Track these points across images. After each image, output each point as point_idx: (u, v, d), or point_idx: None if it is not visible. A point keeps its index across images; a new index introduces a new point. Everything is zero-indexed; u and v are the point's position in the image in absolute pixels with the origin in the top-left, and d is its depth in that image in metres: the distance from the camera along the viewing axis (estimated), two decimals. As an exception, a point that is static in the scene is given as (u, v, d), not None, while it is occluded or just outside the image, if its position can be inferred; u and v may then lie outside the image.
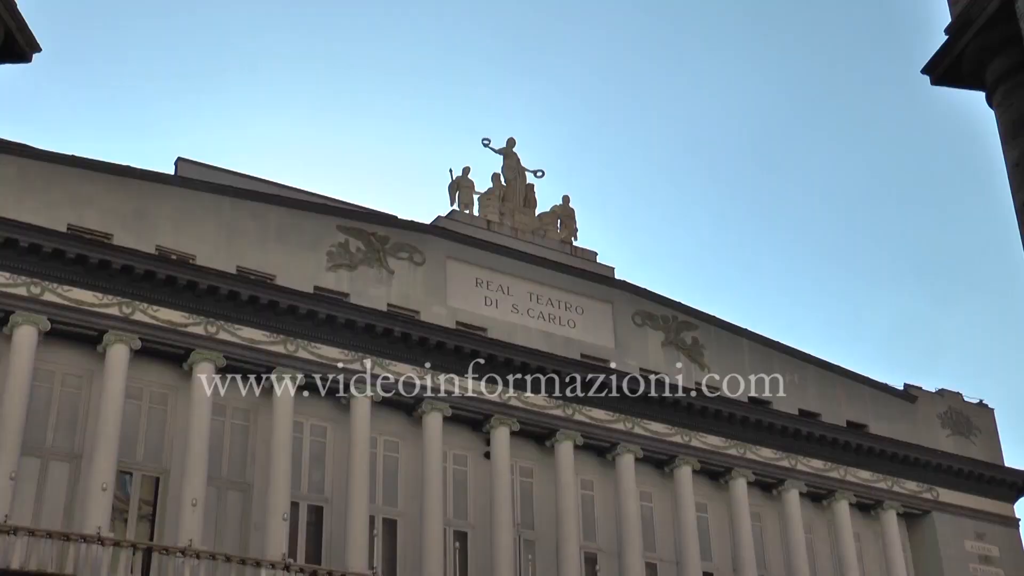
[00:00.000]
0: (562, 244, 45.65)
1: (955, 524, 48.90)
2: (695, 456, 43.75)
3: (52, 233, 34.69)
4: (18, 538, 30.93)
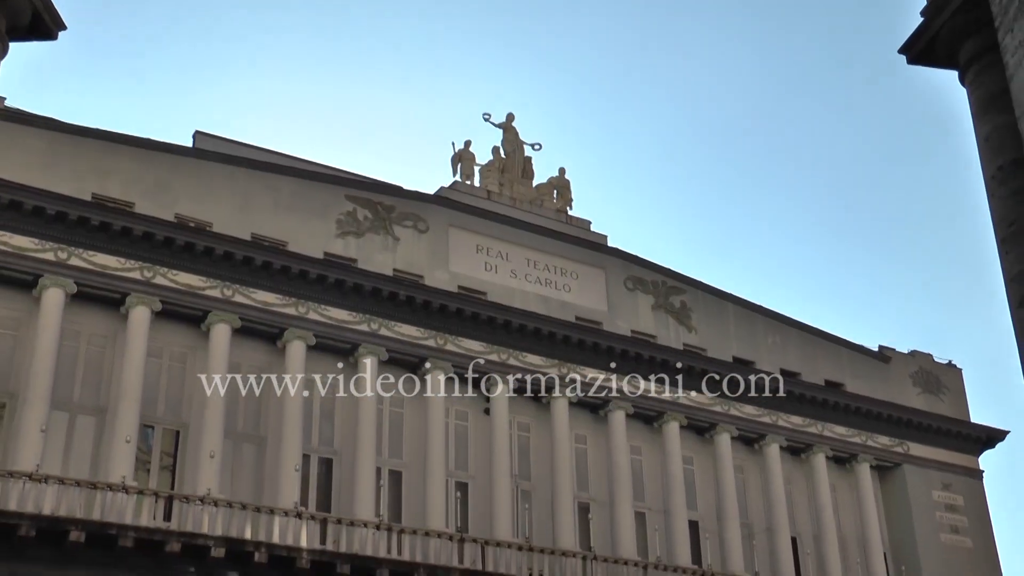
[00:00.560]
0: (558, 213, 45.64)
1: (924, 475, 49.16)
2: (682, 413, 43.88)
3: (77, 202, 34.72)
4: (48, 486, 31.09)
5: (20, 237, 33.83)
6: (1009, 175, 11.48)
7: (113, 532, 31.01)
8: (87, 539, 30.70)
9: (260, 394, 37.45)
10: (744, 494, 45.18)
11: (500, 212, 43.70)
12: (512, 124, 46.56)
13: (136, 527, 31.43)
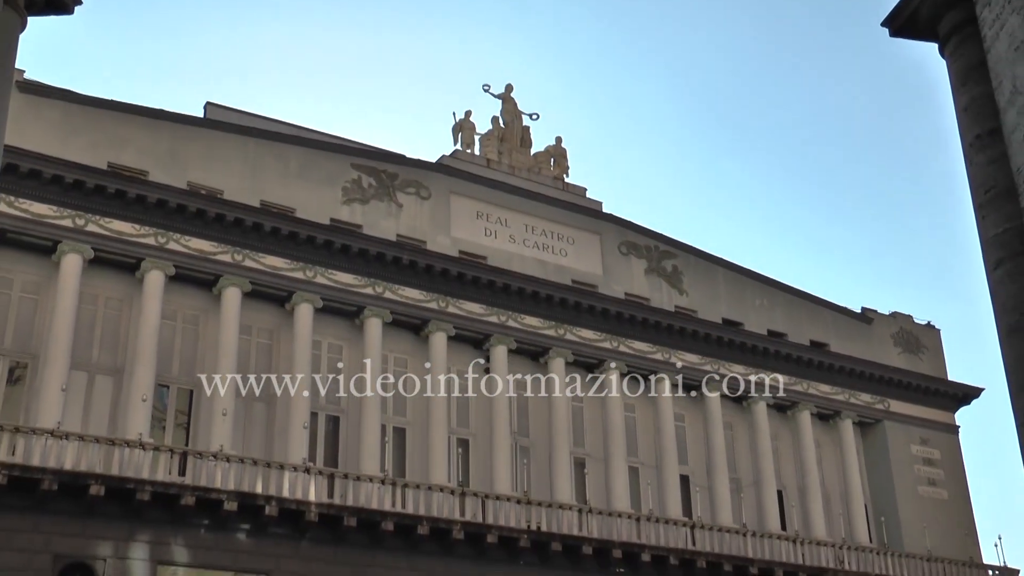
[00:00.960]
0: (555, 181, 45.63)
1: (903, 431, 49.42)
2: (674, 371, 44.07)
3: (94, 170, 34.71)
4: (69, 442, 31.25)
5: (39, 204, 33.85)
6: (986, 143, 11.61)
7: (131, 486, 31.18)
8: (106, 493, 30.89)
9: (270, 355, 37.64)
10: (733, 450, 45.46)
11: (499, 180, 43.71)
12: (511, 95, 46.50)
13: (152, 481, 31.56)
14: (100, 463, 31.35)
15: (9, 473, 29.78)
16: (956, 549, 46.95)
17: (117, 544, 31.20)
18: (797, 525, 45.18)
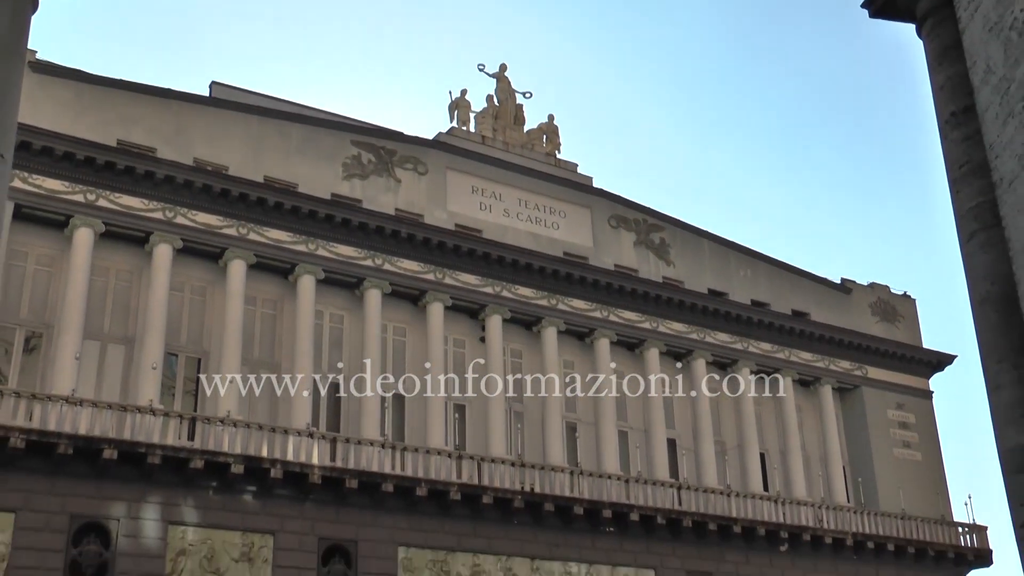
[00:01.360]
0: (547, 157, 45.63)
1: (880, 396, 49.69)
2: (661, 340, 44.24)
3: (104, 147, 34.68)
4: (83, 408, 31.36)
5: (52, 180, 33.84)
6: (961, 120, 11.73)
7: (142, 450, 31.33)
8: (119, 456, 31.05)
9: (274, 325, 37.75)
10: (718, 414, 45.68)
11: (494, 156, 43.71)
12: (505, 74, 46.45)
13: (163, 446, 31.72)
14: (113, 428, 31.48)
15: (27, 438, 29.90)
16: (929, 508, 47.35)
17: (130, 505, 31.40)
18: (779, 486, 45.49)
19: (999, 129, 9.25)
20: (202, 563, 32.05)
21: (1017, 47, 8.17)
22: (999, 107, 8.93)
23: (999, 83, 8.93)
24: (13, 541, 29.66)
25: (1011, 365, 10.73)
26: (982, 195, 11.04)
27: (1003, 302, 10.83)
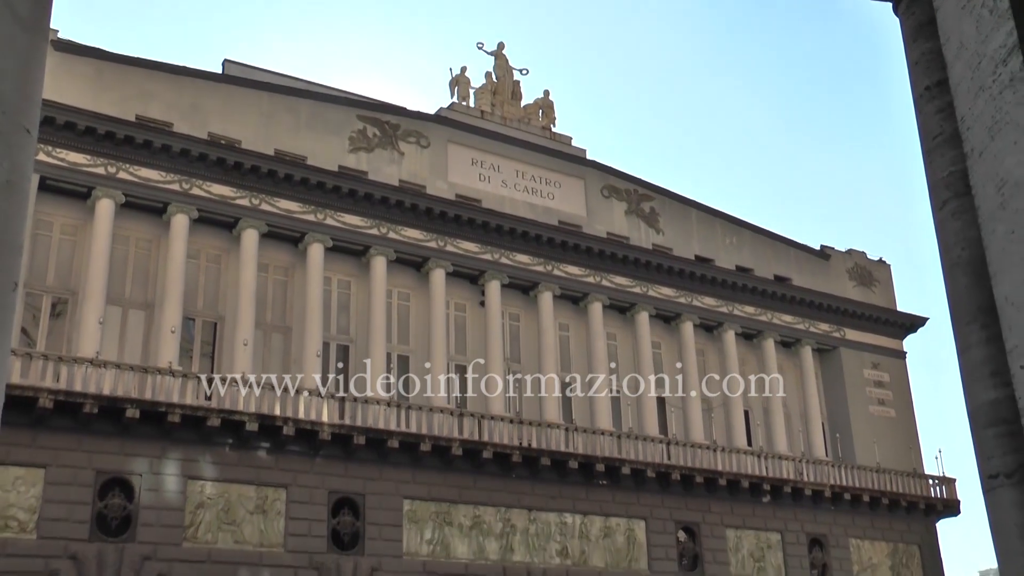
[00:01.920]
0: (543, 130, 45.55)
1: (857, 357, 49.85)
2: (651, 304, 44.32)
3: (123, 122, 34.61)
4: (107, 370, 31.47)
5: (75, 154, 33.79)
6: (935, 94, 11.76)
7: (162, 409, 31.48)
8: (141, 415, 31.20)
9: (285, 290, 37.80)
10: (705, 374, 45.78)
11: (492, 129, 43.63)
12: (503, 52, 46.28)
13: (181, 405, 31.85)
14: (135, 388, 31.62)
15: (55, 398, 30.02)
16: (902, 462, 47.62)
17: (151, 461, 31.56)
18: (761, 441, 45.71)
19: (970, 102, 9.31)
20: (219, 515, 32.24)
21: (988, 24, 8.20)
22: (971, 81, 8.98)
23: (971, 58, 8.97)
24: (43, 495, 29.82)
25: (979, 326, 10.83)
26: (954, 165, 11.10)
27: (972, 266, 10.92)
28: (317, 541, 33.44)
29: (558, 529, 38.14)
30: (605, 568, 38.73)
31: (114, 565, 30.16)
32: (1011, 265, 9.34)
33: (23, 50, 4.70)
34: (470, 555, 36.19)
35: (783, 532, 43.28)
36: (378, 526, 34.62)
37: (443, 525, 35.92)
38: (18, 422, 28.95)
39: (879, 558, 45.66)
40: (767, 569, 42.59)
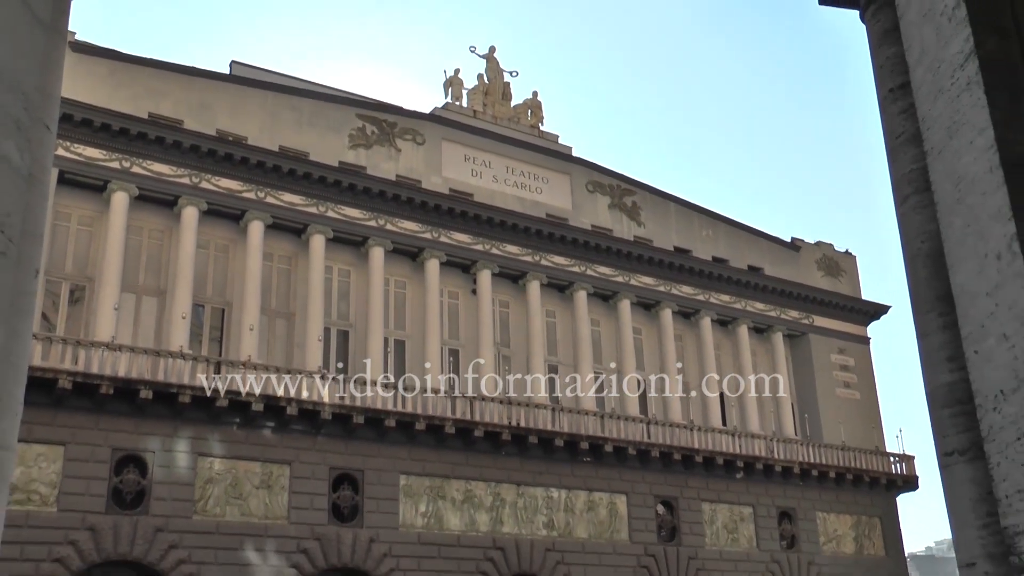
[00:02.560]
0: (531, 129, 45.53)
1: (824, 342, 50.01)
2: (633, 292, 44.38)
3: (136, 119, 34.50)
4: (122, 353, 31.46)
5: (91, 149, 33.69)
6: (898, 96, 11.81)
7: (174, 390, 31.46)
8: (153, 396, 31.17)
9: (289, 278, 37.75)
10: (683, 357, 45.91)
11: (484, 128, 43.60)
12: (494, 55, 46.23)
13: (192, 386, 31.83)
14: (148, 371, 31.60)
15: (73, 379, 29.99)
16: (865, 440, 47.85)
17: (164, 439, 31.55)
18: (735, 421, 45.87)
19: (931, 103, 9.35)
20: (227, 490, 32.26)
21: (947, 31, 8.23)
22: (931, 84, 9.02)
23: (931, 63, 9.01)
24: (63, 471, 29.83)
25: (937, 314, 10.89)
26: (915, 163, 11.15)
27: (932, 258, 10.97)
28: (319, 514, 33.49)
29: (544, 503, 38.23)
30: (588, 539, 38.87)
31: (129, 536, 30.19)
32: (966, 257, 9.40)
33: (43, 50, 4.69)
34: (462, 527, 36.27)
35: (755, 506, 43.47)
36: (376, 500, 34.67)
37: (437, 499, 35.99)
38: (39, 402, 28.93)
39: (843, 530, 45.92)
40: (740, 540, 42.80)
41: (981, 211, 8.57)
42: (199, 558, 31.00)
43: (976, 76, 8.37)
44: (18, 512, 28.15)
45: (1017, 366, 8.12)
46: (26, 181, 4.53)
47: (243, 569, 31.61)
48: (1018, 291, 7.70)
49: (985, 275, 8.59)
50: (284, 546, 32.47)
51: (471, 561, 35.93)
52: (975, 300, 8.82)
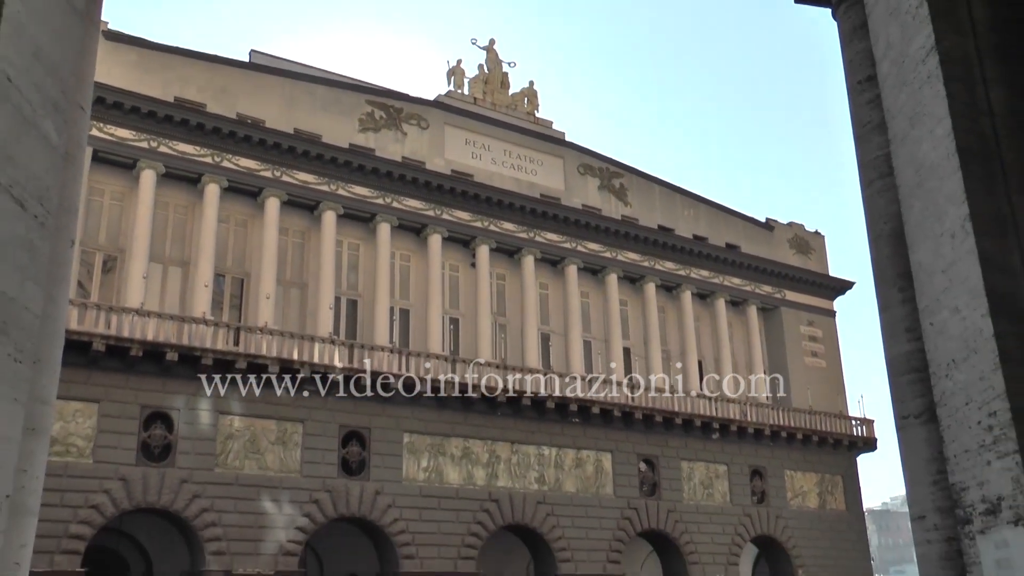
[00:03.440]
0: (527, 115, 45.38)
1: (794, 315, 50.11)
2: (619, 267, 44.40)
3: (163, 103, 34.36)
4: (149, 319, 31.46)
5: (121, 130, 33.56)
6: (865, 87, 11.82)
7: (197, 353, 31.50)
8: (179, 358, 31.25)
9: (303, 251, 37.72)
10: (664, 328, 46.04)
11: (484, 114, 43.45)
12: (493, 47, 46.00)
13: (213, 350, 31.87)
14: (174, 335, 31.67)
15: (106, 342, 30.07)
16: (830, 404, 48.05)
17: (188, 398, 31.62)
18: (712, 386, 45.99)
19: (895, 95, 9.35)
20: (245, 445, 32.37)
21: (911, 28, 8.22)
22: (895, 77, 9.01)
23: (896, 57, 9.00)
24: (97, 426, 29.97)
25: (898, 289, 10.93)
26: (880, 149, 11.15)
27: (894, 238, 11.01)
28: (329, 468, 33.64)
29: (536, 459, 38.41)
30: (576, 493, 39.08)
31: (156, 486, 30.35)
32: (925, 237, 9.43)
33: (79, 38, 4.71)
34: (460, 481, 36.45)
35: (729, 464, 43.70)
36: (381, 455, 34.82)
37: (437, 455, 36.14)
38: (75, 363, 29.00)
39: (809, 486, 46.20)
40: (715, 495, 43.05)
41: (938, 194, 8.62)
42: (220, 507, 31.17)
43: (936, 70, 8.39)
44: (58, 463, 28.29)
45: (968, 337, 8.19)
46: (63, 158, 4.55)
47: (260, 517, 31.80)
48: (970, 268, 7.76)
49: (941, 253, 8.65)
50: (297, 497, 32.64)
51: (468, 512, 36.15)
52: (932, 276, 8.88)
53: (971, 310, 8.02)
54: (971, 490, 8.04)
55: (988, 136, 8.18)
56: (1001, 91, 8.38)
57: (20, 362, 4.64)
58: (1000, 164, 8.21)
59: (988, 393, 7.79)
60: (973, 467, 7.92)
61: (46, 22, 4.23)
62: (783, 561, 44.53)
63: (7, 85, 4.08)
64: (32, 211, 4.31)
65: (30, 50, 4.07)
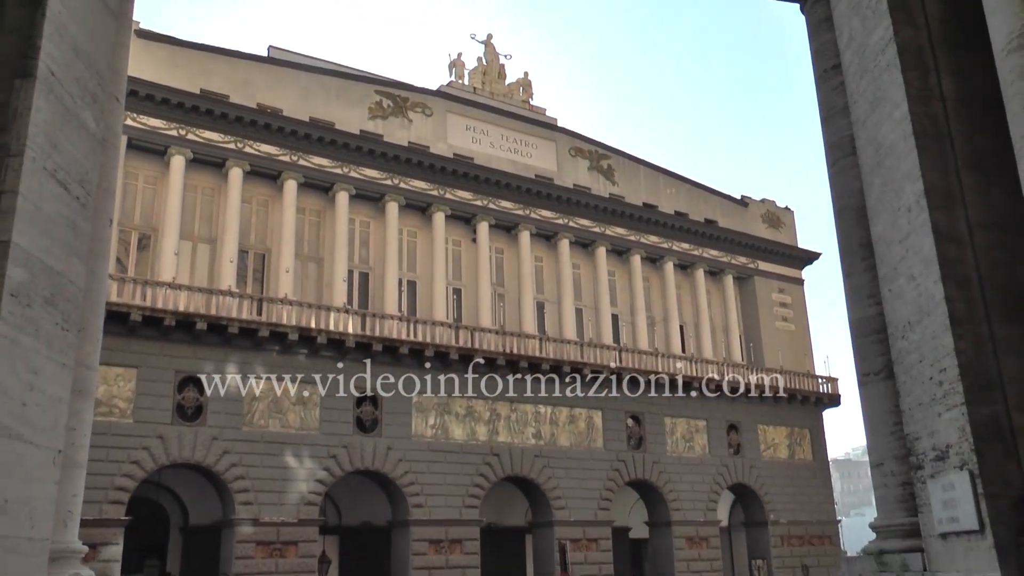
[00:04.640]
0: (523, 103, 45.19)
1: (767, 284, 50.18)
2: (608, 241, 44.39)
3: (190, 94, 34.18)
4: (181, 291, 31.48)
5: (153, 119, 33.42)
6: (830, 75, 11.81)
7: (224, 323, 31.57)
8: (208, 327, 31.30)
9: (319, 229, 37.69)
10: (649, 296, 46.10)
11: (482, 102, 43.26)
12: (491, 41, 45.68)
13: (239, 319, 31.92)
14: (203, 306, 31.68)
15: (142, 313, 30.14)
16: (799, 365, 48.21)
17: (216, 363, 31.70)
18: (692, 349, 46.15)
19: (857, 82, 9.35)
20: (269, 406, 32.51)
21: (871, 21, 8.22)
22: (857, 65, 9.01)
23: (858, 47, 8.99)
24: (136, 389, 30.11)
25: (860, 259, 10.99)
26: (844, 131, 11.16)
27: (856, 212, 11.05)
28: (345, 426, 33.80)
29: (533, 417, 38.59)
30: (570, 447, 39.31)
31: (190, 443, 30.52)
32: (883, 211, 9.47)
33: (113, 35, 4.71)
34: (464, 437, 36.64)
35: (708, 419, 43.92)
36: (392, 414, 34.98)
37: (443, 413, 36.30)
38: (115, 331, 29.11)
39: (779, 439, 46.47)
40: (695, 448, 43.31)
41: (896, 172, 8.66)
42: (247, 462, 31.37)
43: (894, 59, 8.40)
44: (102, 422, 28.45)
45: (921, 302, 8.27)
46: (101, 145, 4.58)
47: (283, 471, 32.00)
48: (923, 239, 7.81)
49: (898, 226, 8.71)
50: (317, 452, 32.82)
51: (472, 465, 36.37)
52: (890, 247, 8.94)
53: (924, 277, 8.07)
54: (923, 439, 8.13)
55: (940, 119, 8.20)
56: (951, 78, 8.39)
57: (67, 330, 4.69)
58: (951, 144, 8.24)
59: (939, 351, 7.87)
60: (925, 418, 8.00)
61: (84, 21, 4.23)
62: (756, 506, 44.89)
63: (51, 79, 4.09)
64: (75, 193, 4.34)
65: (70, 47, 4.08)
